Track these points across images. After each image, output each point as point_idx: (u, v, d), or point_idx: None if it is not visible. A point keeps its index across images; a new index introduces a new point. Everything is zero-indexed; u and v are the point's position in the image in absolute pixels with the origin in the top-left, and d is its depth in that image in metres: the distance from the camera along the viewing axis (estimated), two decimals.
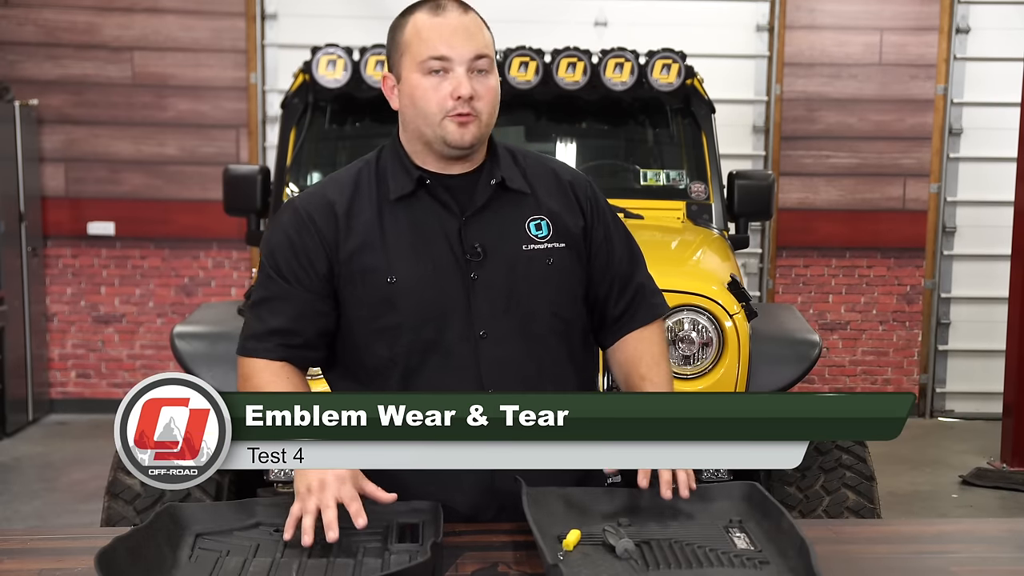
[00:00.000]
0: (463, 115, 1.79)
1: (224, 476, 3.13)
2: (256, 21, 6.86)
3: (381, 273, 1.83)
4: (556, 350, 1.89)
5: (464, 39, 1.78)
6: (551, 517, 1.67)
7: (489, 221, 1.87)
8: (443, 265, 1.84)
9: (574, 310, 1.93)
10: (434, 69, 1.78)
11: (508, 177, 1.89)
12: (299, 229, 1.85)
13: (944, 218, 7.20)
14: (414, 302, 1.83)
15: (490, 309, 1.84)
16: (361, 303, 1.85)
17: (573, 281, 1.91)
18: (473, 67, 1.79)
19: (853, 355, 7.25)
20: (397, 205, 1.86)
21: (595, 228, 1.94)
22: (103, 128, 6.88)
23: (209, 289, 7.01)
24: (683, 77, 4.10)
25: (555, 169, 1.97)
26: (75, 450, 6.06)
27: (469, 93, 1.77)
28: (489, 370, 1.83)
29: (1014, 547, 1.82)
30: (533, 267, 1.86)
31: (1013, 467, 5.73)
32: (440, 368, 1.84)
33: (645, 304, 1.98)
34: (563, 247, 1.89)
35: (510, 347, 1.85)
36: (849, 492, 3.10)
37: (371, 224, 1.85)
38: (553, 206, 1.91)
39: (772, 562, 1.56)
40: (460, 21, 1.79)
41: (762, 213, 4.12)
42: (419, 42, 1.79)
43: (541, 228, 1.89)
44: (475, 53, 1.78)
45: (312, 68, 4.03)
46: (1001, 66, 6.92)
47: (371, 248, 1.84)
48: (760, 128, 7.13)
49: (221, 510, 1.74)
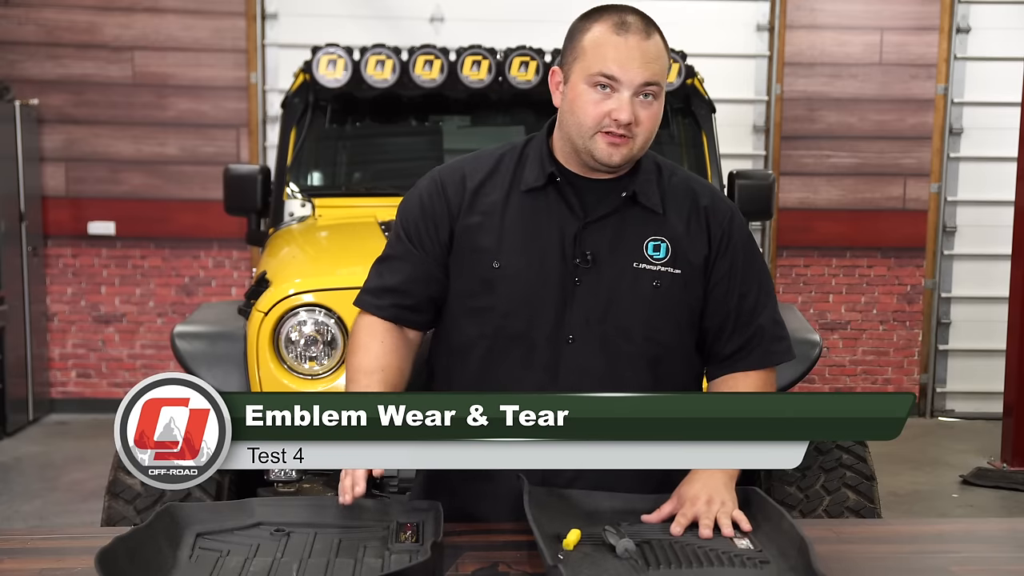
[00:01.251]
0: (617, 136, 1.78)
1: (224, 476, 3.12)
2: (256, 21, 6.86)
3: (489, 255, 1.85)
4: (642, 373, 1.86)
5: (639, 64, 1.76)
6: (551, 517, 1.67)
7: (609, 231, 1.86)
8: (550, 263, 1.84)
9: (674, 338, 1.88)
10: (601, 84, 1.78)
11: (641, 192, 1.87)
12: (431, 194, 1.91)
13: (944, 218, 7.20)
14: (511, 291, 1.84)
15: (584, 317, 1.83)
16: (464, 278, 1.88)
17: (679, 309, 1.87)
18: (640, 91, 1.77)
19: (853, 355, 7.25)
20: (525, 196, 1.87)
21: (720, 259, 1.89)
22: (103, 128, 6.88)
23: (209, 289, 7.01)
24: (683, 77, 4.10)
25: (697, 192, 1.92)
26: (75, 450, 6.06)
27: (628, 119, 1.76)
28: (568, 376, 1.83)
29: (1014, 547, 1.82)
30: (639, 286, 1.84)
31: (1013, 467, 5.73)
32: (520, 362, 1.84)
33: (761, 349, 1.91)
34: (677, 273, 1.86)
35: (595, 359, 1.84)
36: (849, 492, 3.09)
37: (495, 206, 1.87)
38: (679, 229, 1.87)
39: (772, 562, 1.56)
40: (641, 47, 1.77)
41: (762, 213, 4.12)
42: (594, 54, 1.78)
43: (660, 250, 1.86)
44: (647, 80, 1.76)
45: (312, 68, 4.03)
46: (1001, 66, 6.93)
47: (487, 229, 1.86)
48: (760, 128, 7.13)
49: (221, 510, 1.74)
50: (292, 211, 3.99)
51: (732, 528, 1.67)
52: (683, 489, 1.75)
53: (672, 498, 1.75)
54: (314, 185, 4.16)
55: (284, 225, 3.94)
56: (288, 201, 4.01)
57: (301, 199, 4.00)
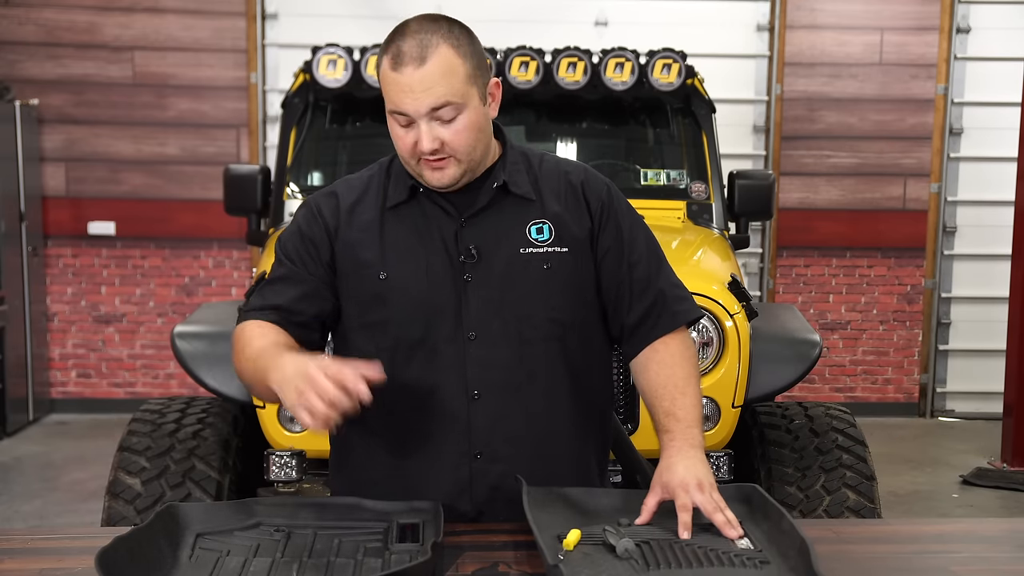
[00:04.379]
0: (435, 160, 1.79)
1: (224, 476, 3.13)
2: (256, 21, 6.86)
3: (374, 268, 1.85)
4: (550, 357, 1.87)
5: (420, 94, 1.73)
6: (551, 517, 1.67)
7: (488, 224, 1.87)
8: (436, 265, 1.84)
9: (574, 314, 1.89)
10: (400, 123, 1.78)
11: (512, 182, 1.88)
12: (308, 219, 1.92)
13: (944, 218, 7.20)
14: (403, 299, 1.84)
15: (481, 311, 1.84)
16: (353, 297, 1.88)
17: (575, 285, 1.89)
18: (436, 117, 1.76)
19: (853, 355, 7.25)
20: (398, 209, 1.88)
21: (604, 231, 1.91)
22: (104, 128, 6.89)
23: (209, 289, 7.02)
24: (683, 77, 4.09)
25: (568, 171, 1.95)
26: (75, 450, 6.06)
27: (430, 148, 1.76)
28: (475, 372, 1.83)
29: (1014, 547, 1.82)
30: (529, 270, 1.85)
31: (1013, 467, 5.73)
32: (425, 367, 1.84)
33: (667, 312, 1.90)
34: (564, 251, 1.87)
35: (499, 351, 1.84)
36: (849, 492, 3.09)
37: (371, 222, 1.88)
38: (557, 210, 1.89)
39: (772, 562, 1.55)
40: (415, 76, 1.72)
41: (762, 213, 4.12)
42: (386, 92, 1.78)
43: (542, 232, 1.87)
44: (432, 105, 1.74)
45: (312, 68, 4.02)
46: (1001, 66, 6.93)
47: (367, 244, 1.86)
48: (760, 128, 7.13)
49: (221, 510, 1.74)
50: (292, 211, 3.99)
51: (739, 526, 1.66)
52: (665, 477, 1.73)
53: (654, 488, 1.73)
54: (314, 185, 4.16)
55: (284, 225, 3.93)
56: (288, 201, 4.01)
57: (301, 199, 4.00)
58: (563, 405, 1.90)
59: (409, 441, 1.86)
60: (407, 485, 1.84)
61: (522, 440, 1.86)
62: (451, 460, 1.85)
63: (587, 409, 1.95)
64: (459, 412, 1.83)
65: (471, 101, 1.77)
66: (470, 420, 1.83)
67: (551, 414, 1.88)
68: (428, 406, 1.84)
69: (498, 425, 1.84)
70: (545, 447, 1.88)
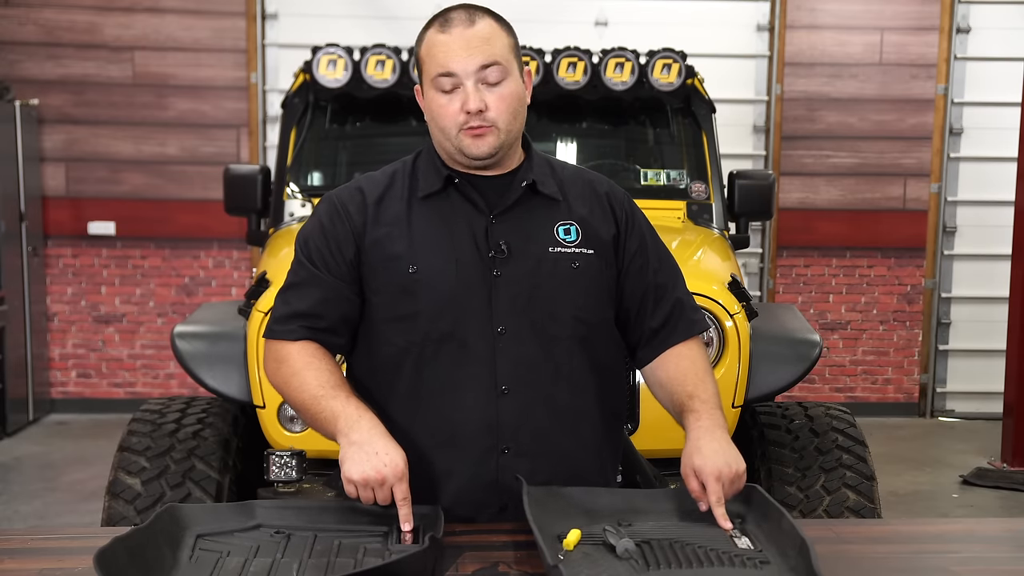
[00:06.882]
0: (476, 128, 1.81)
1: (224, 477, 3.13)
2: (256, 21, 6.86)
3: (403, 261, 1.85)
4: (576, 355, 1.89)
5: (469, 52, 1.79)
6: (551, 517, 1.67)
7: (517, 222, 1.88)
8: (466, 260, 1.85)
9: (599, 315, 1.92)
10: (444, 88, 1.81)
11: (540, 181, 1.91)
12: (331, 216, 1.90)
13: (944, 218, 7.20)
14: (433, 293, 1.84)
15: (510, 306, 1.85)
16: (382, 290, 1.87)
17: (599, 287, 1.92)
18: (482, 78, 1.80)
19: (853, 355, 7.25)
20: (427, 202, 1.89)
21: (629, 238, 1.95)
22: (104, 128, 6.89)
23: (210, 289, 7.02)
24: (683, 77, 4.09)
25: (592, 180, 2.00)
26: (75, 450, 6.06)
27: (477, 107, 1.79)
28: (505, 367, 1.84)
29: (1014, 547, 1.82)
30: (558, 269, 1.87)
31: (1013, 467, 5.73)
32: (454, 361, 1.84)
33: (684, 319, 1.96)
34: (591, 253, 1.90)
35: (528, 347, 1.85)
36: (849, 492, 3.09)
37: (399, 216, 1.88)
38: (584, 213, 1.93)
39: (772, 562, 1.55)
40: (464, 35, 1.80)
41: (762, 213, 4.12)
42: (430, 59, 1.82)
43: (570, 233, 1.90)
44: (482, 63, 1.79)
45: (312, 68, 4.02)
46: (1001, 66, 6.93)
47: (396, 237, 1.87)
48: (760, 128, 7.13)
49: (222, 511, 1.74)
50: (292, 211, 3.99)
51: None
52: (697, 461, 1.73)
53: (688, 475, 1.74)
54: (314, 185, 4.16)
55: (284, 225, 3.93)
56: (288, 201, 4.00)
57: (301, 199, 3.99)
58: (587, 403, 1.92)
59: (436, 435, 1.86)
60: (433, 478, 1.85)
61: (548, 436, 1.87)
62: (478, 455, 1.85)
63: (607, 408, 1.97)
64: (488, 407, 1.84)
65: (513, 71, 1.84)
66: (499, 415, 1.84)
67: (576, 411, 1.90)
68: (456, 400, 1.85)
69: (526, 420, 1.85)
70: (570, 443, 1.90)
